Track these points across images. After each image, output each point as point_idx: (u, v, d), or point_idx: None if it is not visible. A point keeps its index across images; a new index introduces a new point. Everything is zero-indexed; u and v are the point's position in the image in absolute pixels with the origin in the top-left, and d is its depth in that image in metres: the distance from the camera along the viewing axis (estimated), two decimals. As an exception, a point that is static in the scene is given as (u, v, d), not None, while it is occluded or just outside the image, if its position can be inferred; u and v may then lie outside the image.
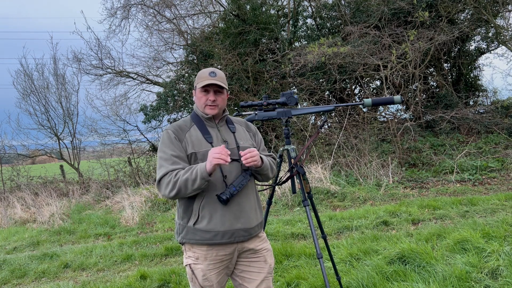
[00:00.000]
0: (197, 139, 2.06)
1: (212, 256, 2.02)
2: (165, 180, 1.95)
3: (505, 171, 7.66)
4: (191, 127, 2.11)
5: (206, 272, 2.02)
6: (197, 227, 1.99)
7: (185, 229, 2.04)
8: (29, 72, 14.00)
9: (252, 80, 10.92)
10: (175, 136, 2.04)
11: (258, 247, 2.13)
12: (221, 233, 1.99)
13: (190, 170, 1.92)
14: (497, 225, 4.35)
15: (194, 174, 1.89)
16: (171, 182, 1.93)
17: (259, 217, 2.15)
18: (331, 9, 11.98)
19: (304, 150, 2.88)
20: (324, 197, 7.28)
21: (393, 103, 2.78)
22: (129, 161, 13.23)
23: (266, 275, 2.14)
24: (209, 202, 1.99)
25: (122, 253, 5.29)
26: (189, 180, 1.89)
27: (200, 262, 2.02)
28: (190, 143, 2.04)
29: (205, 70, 2.12)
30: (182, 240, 2.06)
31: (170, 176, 1.94)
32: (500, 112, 10.58)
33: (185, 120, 2.16)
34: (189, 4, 12.68)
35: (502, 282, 2.99)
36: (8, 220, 8.57)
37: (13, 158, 14.36)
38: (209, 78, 2.06)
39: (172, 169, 1.96)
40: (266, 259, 2.15)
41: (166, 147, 2.02)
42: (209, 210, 1.99)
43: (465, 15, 11.32)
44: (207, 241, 1.99)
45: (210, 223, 1.98)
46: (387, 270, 3.41)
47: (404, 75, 9.49)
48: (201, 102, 2.10)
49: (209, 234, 1.99)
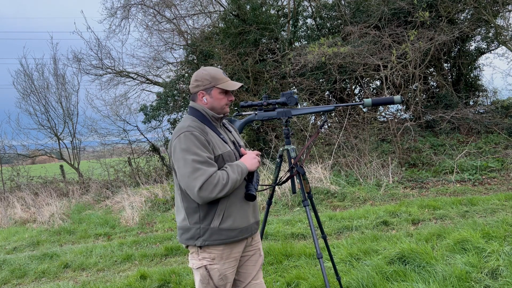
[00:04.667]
0: (217, 140, 2.09)
1: (227, 254, 2.07)
2: (210, 182, 1.90)
3: (505, 171, 7.66)
4: (205, 128, 2.08)
5: (222, 271, 2.06)
6: (223, 227, 2.02)
7: (207, 231, 2.00)
8: (29, 72, 14.04)
9: (252, 80, 10.92)
10: (204, 138, 2.00)
11: (253, 241, 2.26)
12: (244, 229, 2.10)
13: (236, 171, 1.99)
14: (497, 225, 4.35)
15: (240, 174, 2.00)
16: (220, 184, 1.92)
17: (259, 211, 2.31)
18: (331, 9, 11.98)
19: (304, 150, 2.88)
20: (324, 197, 7.28)
21: (393, 103, 2.78)
22: (129, 161, 13.23)
23: (259, 267, 2.29)
24: (234, 201, 2.06)
25: (122, 253, 5.29)
26: (237, 181, 1.99)
27: (217, 262, 2.05)
28: (215, 144, 2.06)
29: (218, 71, 2.15)
30: (203, 243, 2.01)
31: (216, 178, 1.92)
32: (500, 112, 10.59)
33: (193, 121, 2.08)
34: (189, 4, 12.69)
35: (502, 282, 2.99)
36: (8, 220, 8.57)
37: (13, 158, 14.37)
38: (228, 79, 2.15)
39: (213, 171, 1.94)
40: (260, 252, 2.30)
41: (199, 149, 1.96)
42: (234, 209, 2.06)
43: (465, 15, 11.32)
44: (231, 239, 2.05)
45: (236, 221, 2.05)
46: (387, 270, 3.41)
47: (404, 75, 9.48)
48: (221, 103, 2.14)
49: (234, 232, 2.05)
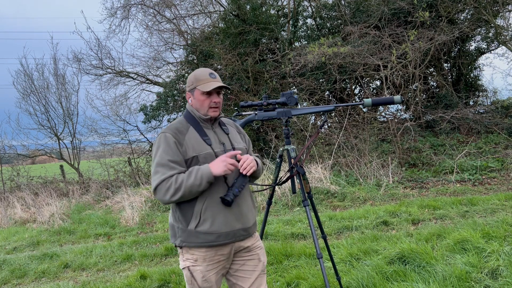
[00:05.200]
0: (197, 142, 2.03)
1: (211, 256, 2.02)
2: (163, 186, 1.93)
3: (505, 171, 7.66)
4: (188, 129, 2.06)
5: (206, 273, 2.01)
6: (199, 230, 1.98)
7: (185, 232, 2.01)
8: (29, 72, 14.02)
9: (252, 80, 10.91)
10: (175, 140, 1.99)
11: (252, 246, 2.16)
12: (224, 234, 2.00)
13: (193, 175, 1.91)
14: (497, 225, 4.35)
15: (199, 179, 1.90)
16: (172, 188, 1.91)
17: (255, 216, 2.19)
18: (331, 9, 11.98)
19: (304, 150, 2.88)
20: (324, 197, 7.28)
21: (393, 103, 2.78)
22: (129, 161, 13.23)
23: (260, 273, 2.16)
24: (211, 204, 1.98)
25: (122, 253, 5.29)
26: (194, 186, 1.90)
27: (199, 264, 2.01)
28: (191, 146, 2.01)
29: (203, 71, 2.07)
30: (181, 244, 2.03)
31: (169, 181, 1.92)
32: (500, 112, 10.59)
33: (180, 122, 2.10)
34: (189, 4, 12.69)
35: (502, 282, 2.99)
36: (8, 220, 8.57)
37: (13, 158, 14.36)
38: (212, 80, 2.03)
39: (170, 174, 1.93)
40: (260, 257, 2.18)
41: (164, 151, 1.97)
42: (212, 212, 1.98)
43: (465, 15, 11.33)
44: (209, 243, 1.99)
45: (213, 225, 1.97)
46: (387, 270, 3.41)
47: (404, 75, 9.48)
48: (204, 105, 2.06)
49: (212, 236, 1.98)
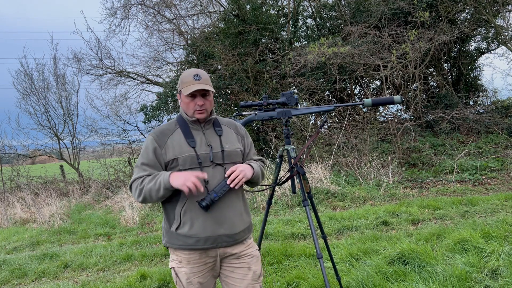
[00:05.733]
0: (179, 144, 2.01)
1: (195, 259, 2.01)
2: (133, 186, 2.00)
3: (505, 171, 7.66)
4: (174, 131, 2.05)
5: (190, 275, 2.00)
6: (179, 232, 1.97)
7: (168, 233, 2.03)
8: (29, 72, 14.01)
9: (252, 80, 10.92)
10: (156, 142, 2.01)
11: (242, 253, 2.08)
12: (203, 239, 1.96)
13: (154, 180, 1.94)
14: (497, 225, 4.35)
15: (157, 184, 1.91)
16: (138, 189, 1.97)
17: (246, 222, 2.10)
18: (331, 9, 11.98)
19: (304, 150, 2.88)
20: (324, 197, 7.28)
21: (393, 103, 2.78)
22: (129, 161, 13.23)
23: (250, 281, 2.07)
24: (191, 207, 1.96)
25: (122, 253, 5.29)
26: (153, 190, 1.92)
27: (184, 266, 2.01)
28: (171, 148, 2.00)
29: (188, 73, 2.03)
30: (166, 244, 2.07)
31: (137, 182, 1.98)
32: (500, 112, 10.59)
33: (169, 123, 2.11)
34: (189, 4, 12.69)
35: (502, 282, 2.99)
36: (8, 220, 8.57)
37: (13, 158, 14.35)
38: (194, 82, 1.99)
39: (139, 176, 1.99)
40: (250, 266, 2.08)
41: (141, 154, 2.04)
42: (191, 215, 1.96)
43: (465, 15, 11.33)
44: (189, 246, 1.98)
45: (192, 229, 1.96)
46: (387, 270, 3.41)
47: (404, 75, 9.48)
48: (189, 108, 2.04)
49: (191, 239, 1.97)
